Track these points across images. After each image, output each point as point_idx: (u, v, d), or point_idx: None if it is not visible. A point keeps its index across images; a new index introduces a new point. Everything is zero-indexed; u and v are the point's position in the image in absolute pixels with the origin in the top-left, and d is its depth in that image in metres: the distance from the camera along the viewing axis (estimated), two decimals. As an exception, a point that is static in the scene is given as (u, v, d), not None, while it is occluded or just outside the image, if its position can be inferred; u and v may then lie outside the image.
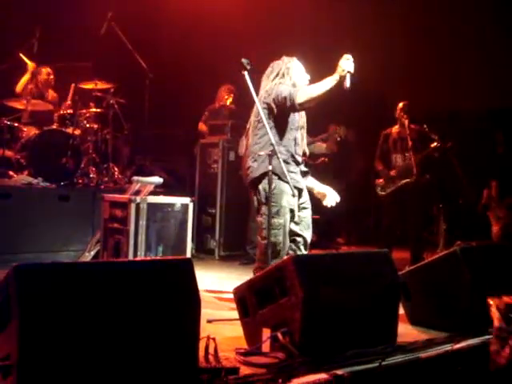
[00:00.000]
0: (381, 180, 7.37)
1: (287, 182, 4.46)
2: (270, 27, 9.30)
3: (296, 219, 4.80)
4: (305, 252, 4.84)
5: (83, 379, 2.49)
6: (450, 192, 8.12)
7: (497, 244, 6.77)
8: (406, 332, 4.06)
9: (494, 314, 3.49)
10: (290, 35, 8.71)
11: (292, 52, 4.92)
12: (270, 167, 4.48)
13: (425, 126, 7.20)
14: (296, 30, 8.89)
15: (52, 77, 8.17)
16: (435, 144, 7.07)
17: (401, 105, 7.27)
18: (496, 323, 3.47)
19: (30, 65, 8.02)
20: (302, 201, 4.84)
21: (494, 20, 8.82)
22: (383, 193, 7.33)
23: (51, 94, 8.23)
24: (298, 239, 4.83)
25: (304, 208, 4.86)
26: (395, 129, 7.36)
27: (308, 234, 4.86)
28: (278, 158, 4.44)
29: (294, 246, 4.83)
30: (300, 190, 4.80)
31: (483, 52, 8.97)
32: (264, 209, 4.65)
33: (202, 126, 8.49)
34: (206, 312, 3.13)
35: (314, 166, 8.73)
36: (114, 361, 2.58)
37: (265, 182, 4.62)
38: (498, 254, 4.56)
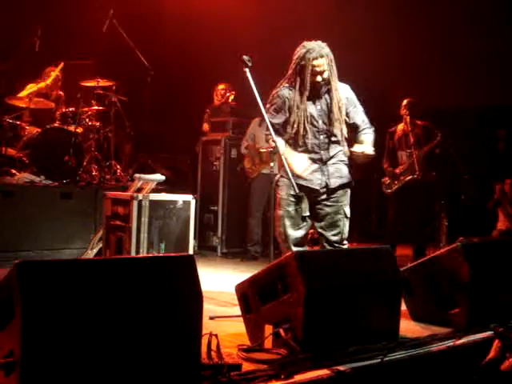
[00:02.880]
0: (386, 178, 7.38)
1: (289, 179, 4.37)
2: (271, 25, 9.30)
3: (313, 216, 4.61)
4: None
5: (86, 375, 2.50)
6: (452, 188, 8.12)
7: (498, 240, 6.78)
8: (408, 328, 4.06)
9: (495, 345, 3.48)
10: (289, 33, 8.70)
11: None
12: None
13: (427, 122, 7.23)
14: (295, 28, 8.88)
15: (59, 76, 8.17)
16: (438, 139, 7.10)
17: (405, 102, 7.29)
18: (492, 354, 3.47)
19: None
20: (322, 198, 4.57)
21: (495, 15, 8.81)
22: (389, 190, 7.34)
23: (55, 93, 8.23)
24: (322, 238, 4.64)
25: (327, 205, 4.56)
26: (400, 126, 7.37)
27: (330, 234, 4.57)
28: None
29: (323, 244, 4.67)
30: (314, 190, 4.54)
31: (485, 48, 8.95)
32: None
33: (206, 126, 8.49)
34: (208, 308, 3.14)
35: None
36: (116, 357, 2.59)
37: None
38: (499, 251, 4.57)
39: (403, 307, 4.09)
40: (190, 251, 5.61)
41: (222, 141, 7.95)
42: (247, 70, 4.48)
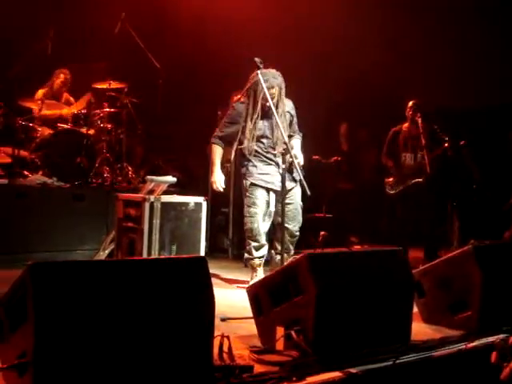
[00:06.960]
0: (391, 179, 7.32)
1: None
2: (284, 28, 9.29)
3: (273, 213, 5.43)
4: (291, 239, 5.44)
5: (99, 376, 2.51)
6: (464, 190, 8.08)
7: (510, 243, 6.74)
8: (420, 330, 4.05)
9: (494, 355, 3.47)
10: (300, 34, 8.70)
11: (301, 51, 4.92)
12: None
13: (435, 126, 7.15)
14: (305, 29, 8.86)
15: (68, 79, 8.19)
16: (446, 145, 7.02)
17: (411, 103, 7.23)
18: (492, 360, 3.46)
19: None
20: (284, 197, 5.13)
21: (504, 12, 8.77)
22: (393, 191, 7.28)
23: (65, 96, 8.28)
24: (284, 229, 5.18)
25: (288, 203, 5.29)
26: (405, 127, 7.32)
27: (292, 225, 5.42)
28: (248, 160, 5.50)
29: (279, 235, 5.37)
30: (278, 191, 5.28)
31: (494, 48, 8.91)
32: (246, 200, 5.47)
33: None
34: (219, 310, 3.14)
35: (327, 164, 8.75)
36: (128, 358, 2.60)
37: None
38: (511, 253, 4.55)
39: (415, 309, 4.08)
40: (202, 253, 5.62)
41: (233, 143, 7.93)
42: (259, 72, 4.52)
